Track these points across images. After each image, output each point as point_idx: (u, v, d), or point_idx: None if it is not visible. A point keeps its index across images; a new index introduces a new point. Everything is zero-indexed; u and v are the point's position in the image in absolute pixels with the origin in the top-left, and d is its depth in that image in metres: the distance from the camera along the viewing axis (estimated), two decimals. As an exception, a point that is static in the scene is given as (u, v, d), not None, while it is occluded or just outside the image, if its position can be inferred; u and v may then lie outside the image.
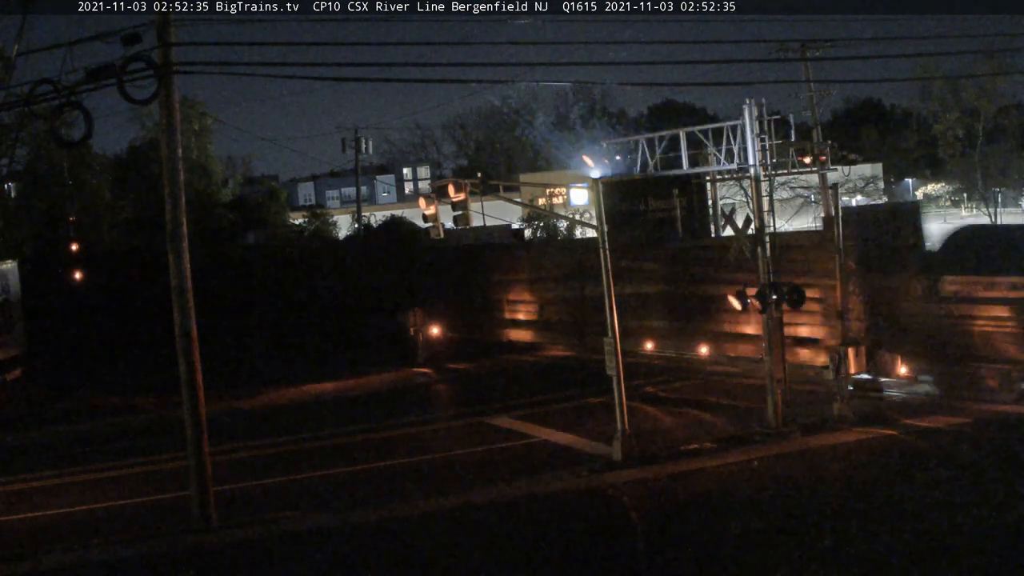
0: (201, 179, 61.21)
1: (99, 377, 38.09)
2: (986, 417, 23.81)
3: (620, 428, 21.95)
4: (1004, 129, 69.52)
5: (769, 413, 23.68)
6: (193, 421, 18.86)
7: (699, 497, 19.17)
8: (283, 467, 23.83)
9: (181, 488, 19.97)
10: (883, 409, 25.27)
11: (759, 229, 23.95)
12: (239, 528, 18.72)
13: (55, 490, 22.77)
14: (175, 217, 18.83)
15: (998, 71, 54.94)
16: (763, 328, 24.59)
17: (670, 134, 25.60)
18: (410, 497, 20.18)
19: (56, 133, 19.45)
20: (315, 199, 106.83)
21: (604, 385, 23.92)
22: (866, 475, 19.65)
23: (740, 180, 36.05)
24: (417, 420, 28.49)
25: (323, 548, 17.43)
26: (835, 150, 28.43)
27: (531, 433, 25.74)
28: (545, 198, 59.82)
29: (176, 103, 18.88)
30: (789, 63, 50.88)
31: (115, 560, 17.36)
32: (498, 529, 18.04)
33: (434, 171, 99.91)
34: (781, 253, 25.79)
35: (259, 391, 34.83)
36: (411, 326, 38.92)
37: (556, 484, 20.47)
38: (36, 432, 30.00)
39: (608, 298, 22.37)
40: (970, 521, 16.39)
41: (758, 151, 23.85)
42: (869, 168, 65.97)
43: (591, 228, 25.68)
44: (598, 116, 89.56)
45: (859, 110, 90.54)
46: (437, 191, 23.90)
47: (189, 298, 18.85)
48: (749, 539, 16.33)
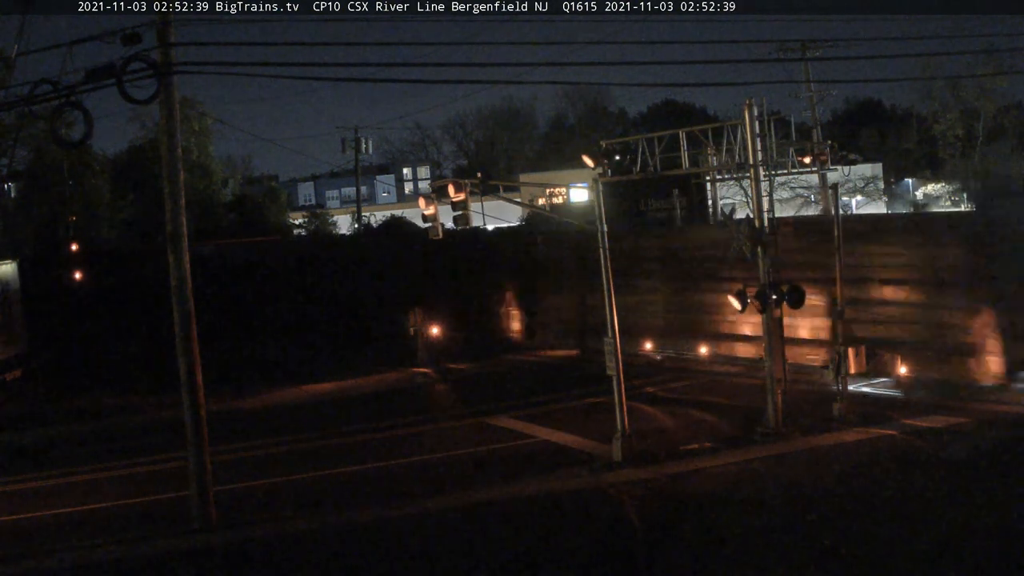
0: (201, 179, 61.13)
1: (99, 377, 38.07)
2: (986, 417, 23.82)
3: (620, 428, 21.94)
4: (1004, 129, 69.46)
5: (769, 413, 23.68)
6: (193, 421, 18.86)
7: (699, 497, 19.16)
8: (283, 467, 23.84)
9: (181, 488, 19.96)
10: (883, 409, 25.29)
11: (759, 229, 23.93)
12: (239, 528, 18.72)
13: (55, 490, 22.78)
14: (175, 217, 18.82)
15: (998, 71, 54.89)
16: (763, 328, 24.57)
17: (670, 134, 25.62)
18: (410, 497, 20.17)
19: (56, 133, 19.42)
20: (315, 199, 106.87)
21: (604, 385, 23.93)
22: (866, 475, 19.65)
23: (740, 180, 36.06)
24: (417, 420, 28.49)
25: (323, 548, 17.43)
26: (835, 150, 28.46)
27: (531, 433, 25.75)
28: (545, 198, 59.82)
29: (176, 103, 18.88)
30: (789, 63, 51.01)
31: (115, 560, 17.35)
32: (498, 529, 18.03)
33: (434, 171, 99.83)
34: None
35: (259, 391, 34.83)
36: (411, 326, 38.92)
37: (556, 484, 20.47)
38: (36, 432, 29.98)
39: (608, 298, 22.37)
40: (970, 521, 16.40)
41: (758, 151, 23.83)
42: (869, 168, 65.93)
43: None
44: (598, 116, 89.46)
45: (859, 110, 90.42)
46: (437, 191, 23.94)
47: (189, 298, 18.86)
48: (749, 539, 16.33)
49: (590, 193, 26.14)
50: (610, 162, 24.86)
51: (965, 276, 28.18)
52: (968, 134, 68.66)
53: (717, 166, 26.88)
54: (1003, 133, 68.90)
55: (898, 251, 30.12)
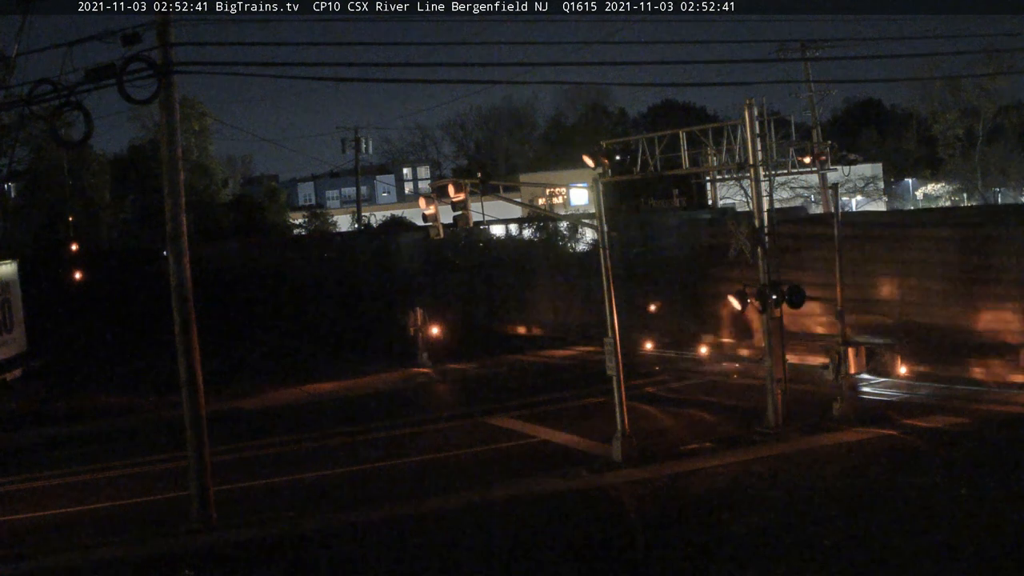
0: (201, 179, 61.16)
1: (99, 377, 38.06)
2: (986, 417, 23.82)
3: (620, 428, 21.94)
4: (1004, 129, 69.48)
5: (769, 413, 23.67)
6: (193, 421, 18.85)
7: (699, 497, 19.16)
8: (283, 467, 23.82)
9: (181, 488, 19.96)
10: (883, 409, 25.28)
11: (759, 229, 23.94)
12: (239, 528, 18.70)
13: (55, 490, 22.75)
14: (175, 217, 18.81)
15: (998, 71, 54.93)
16: (762, 328, 24.57)
17: (670, 134, 25.63)
18: (410, 497, 20.17)
19: (56, 133, 19.47)
20: (315, 199, 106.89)
21: (604, 385, 23.93)
22: (866, 475, 19.65)
23: (740, 180, 36.08)
24: (417, 420, 28.46)
25: (323, 548, 17.43)
26: (835, 150, 28.47)
27: (531, 433, 25.73)
28: (545, 198, 59.81)
29: (176, 103, 18.87)
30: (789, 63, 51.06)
31: (115, 560, 17.34)
32: (498, 529, 18.02)
33: (434, 171, 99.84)
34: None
35: (259, 391, 34.81)
36: (411, 326, 38.88)
37: (556, 484, 20.46)
38: (36, 432, 29.96)
39: (608, 298, 22.36)
40: (970, 521, 16.40)
41: (758, 151, 23.84)
42: (869, 168, 65.96)
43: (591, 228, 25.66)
44: (598, 116, 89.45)
45: (859, 110, 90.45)
46: (437, 191, 23.90)
47: (189, 298, 18.85)
48: (749, 539, 16.33)
49: (590, 193, 26.14)
50: (610, 162, 24.87)
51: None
52: (968, 134, 68.68)
53: (717, 166, 26.89)
54: (1003, 133, 68.92)
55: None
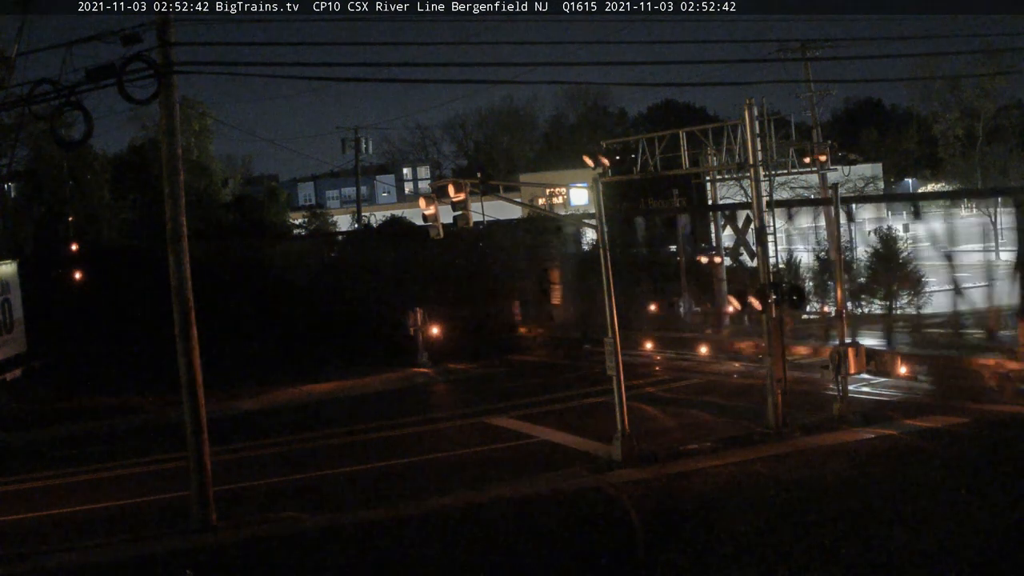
0: (201, 179, 61.09)
1: (99, 377, 38.04)
2: (985, 417, 23.81)
3: (620, 428, 21.93)
4: (1004, 129, 69.51)
5: (769, 413, 23.67)
6: (193, 421, 18.85)
7: (699, 497, 19.14)
8: (283, 467, 23.83)
9: (181, 488, 19.94)
10: (883, 409, 25.28)
11: (759, 229, 23.95)
12: (239, 528, 18.69)
13: (55, 490, 22.75)
14: (175, 217, 18.80)
15: (998, 71, 54.94)
16: (763, 328, 24.57)
17: (670, 134, 25.65)
18: (410, 497, 20.16)
19: (56, 133, 19.41)
20: (315, 199, 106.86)
21: (604, 385, 23.92)
22: (866, 475, 19.65)
23: (740, 180, 36.10)
24: (417, 420, 28.47)
25: (323, 548, 17.42)
26: (835, 150, 28.51)
27: (531, 433, 25.74)
28: (545, 198, 59.82)
29: (176, 103, 18.85)
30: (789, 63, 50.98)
31: (115, 560, 17.33)
32: (498, 529, 18.02)
33: (434, 171, 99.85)
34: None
35: (259, 391, 34.81)
36: (411, 326, 38.89)
37: (556, 484, 20.45)
38: (36, 432, 29.97)
39: (608, 298, 22.36)
40: (970, 521, 16.39)
41: (758, 151, 23.84)
42: (869, 168, 66.03)
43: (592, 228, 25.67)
44: (598, 116, 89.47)
45: (859, 110, 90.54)
46: (437, 191, 23.89)
47: (189, 298, 18.84)
48: (749, 539, 16.33)
49: (590, 193, 26.15)
50: (610, 162, 24.89)
51: None
52: (968, 134, 68.70)
53: (717, 166, 26.93)
54: (1003, 133, 68.94)
55: None
